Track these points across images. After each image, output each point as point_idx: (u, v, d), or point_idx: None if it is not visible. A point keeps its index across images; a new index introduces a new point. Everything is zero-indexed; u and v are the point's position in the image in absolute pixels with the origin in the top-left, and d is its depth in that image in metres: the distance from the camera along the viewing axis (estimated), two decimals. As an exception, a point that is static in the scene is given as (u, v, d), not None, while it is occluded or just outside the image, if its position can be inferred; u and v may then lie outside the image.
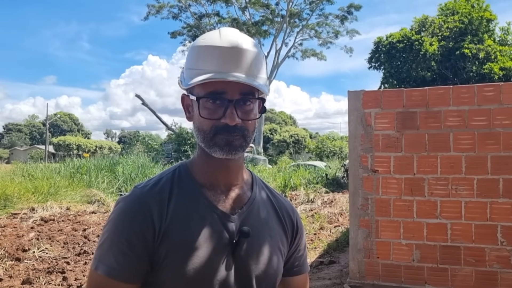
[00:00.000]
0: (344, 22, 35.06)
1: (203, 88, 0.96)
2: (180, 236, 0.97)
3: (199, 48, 0.99)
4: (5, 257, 5.08)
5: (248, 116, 0.98)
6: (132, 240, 0.96)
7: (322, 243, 6.60)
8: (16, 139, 74.38)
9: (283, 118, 68.46)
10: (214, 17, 35.10)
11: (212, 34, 1.01)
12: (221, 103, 0.95)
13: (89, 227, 6.94)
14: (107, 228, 1.00)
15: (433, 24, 22.60)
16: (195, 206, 1.01)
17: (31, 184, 9.43)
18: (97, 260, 0.98)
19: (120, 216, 0.99)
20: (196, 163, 1.07)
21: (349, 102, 4.13)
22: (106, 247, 0.97)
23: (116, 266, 0.95)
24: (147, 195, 1.00)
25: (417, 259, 3.85)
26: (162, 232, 0.97)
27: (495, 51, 21.05)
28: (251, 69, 0.96)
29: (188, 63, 1.01)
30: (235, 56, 0.95)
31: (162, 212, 0.98)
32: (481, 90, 3.72)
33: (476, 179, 3.70)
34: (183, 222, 0.98)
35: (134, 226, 0.96)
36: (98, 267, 0.97)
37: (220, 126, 0.96)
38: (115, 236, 0.97)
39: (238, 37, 0.98)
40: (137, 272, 0.97)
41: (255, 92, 0.98)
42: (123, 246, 0.96)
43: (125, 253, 0.95)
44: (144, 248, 0.96)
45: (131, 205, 0.99)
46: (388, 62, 22.67)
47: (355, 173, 4.07)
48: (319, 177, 14.02)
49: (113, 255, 0.96)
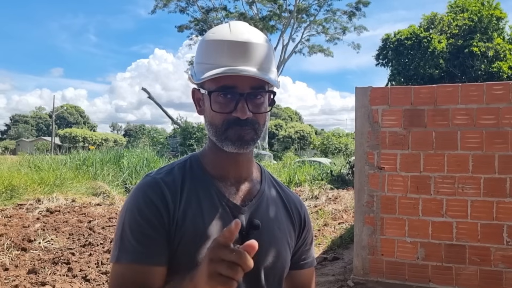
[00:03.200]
0: (352, 18, 34.82)
1: (214, 82, 0.97)
2: (193, 224, 0.97)
3: (209, 42, 1.00)
4: (11, 247, 5.12)
5: (259, 109, 0.99)
6: (152, 221, 0.95)
7: (326, 240, 6.60)
8: (23, 131, 74.85)
9: (289, 114, 68.36)
10: (221, 11, 34.99)
11: (221, 28, 1.02)
12: (232, 97, 0.96)
13: (94, 219, 6.98)
14: (122, 217, 0.99)
15: (442, 22, 22.42)
16: (207, 196, 1.02)
17: (37, 176, 9.48)
18: (116, 252, 0.95)
19: (135, 200, 0.98)
20: (206, 155, 1.07)
21: (357, 98, 4.10)
22: (125, 235, 0.95)
23: (140, 249, 0.93)
24: (160, 181, 1.00)
25: (421, 257, 3.84)
26: (176, 218, 0.97)
27: (504, 49, 20.87)
28: (262, 63, 0.97)
29: (198, 58, 1.02)
30: (245, 50, 0.96)
31: (176, 199, 0.98)
32: (490, 89, 3.68)
33: (483, 178, 3.67)
34: (196, 210, 0.99)
35: (151, 207, 0.96)
36: (119, 258, 0.94)
37: (232, 119, 0.97)
38: (133, 221, 0.96)
39: (248, 31, 0.99)
40: (162, 252, 0.95)
41: (265, 86, 0.99)
42: (143, 228, 0.94)
43: (146, 234, 0.94)
44: (163, 228, 0.95)
45: (145, 189, 0.99)
46: (395, 59, 22.55)
47: (361, 170, 4.05)
48: (324, 174, 14.00)
49: (135, 239, 0.94)
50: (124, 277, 0.94)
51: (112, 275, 0.96)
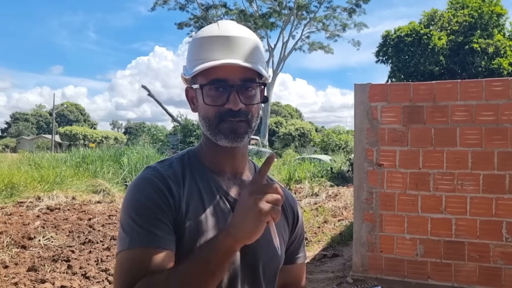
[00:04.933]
0: (352, 15, 34.79)
1: (205, 77, 0.99)
2: (195, 216, 0.98)
3: (198, 40, 1.04)
4: (11, 245, 5.13)
5: (251, 101, 1.00)
6: (162, 206, 0.94)
7: (325, 237, 6.60)
8: (23, 128, 74.85)
9: (289, 111, 68.31)
10: (221, 8, 34.95)
11: (210, 26, 1.06)
12: (224, 90, 0.98)
13: (94, 216, 6.99)
14: (128, 206, 0.97)
15: (442, 18, 22.36)
16: (207, 189, 1.03)
17: (37, 173, 9.49)
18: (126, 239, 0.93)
19: (141, 188, 0.97)
20: (202, 151, 1.09)
21: (356, 95, 4.10)
22: (137, 221, 0.93)
23: (156, 232, 0.92)
24: (163, 172, 1.01)
25: (420, 253, 3.84)
26: (182, 209, 0.98)
27: (504, 46, 20.82)
28: (250, 56, 1.00)
29: (189, 56, 1.05)
30: (233, 44, 0.99)
31: (179, 190, 0.99)
32: (489, 85, 3.68)
33: (482, 174, 3.67)
34: (197, 202, 1.00)
35: (159, 194, 0.95)
36: (131, 243, 0.91)
37: (224, 111, 0.98)
38: (143, 207, 0.94)
39: (236, 27, 1.04)
40: (173, 239, 0.94)
41: (255, 78, 1.01)
42: (154, 213, 0.93)
43: (159, 219, 0.93)
44: (171, 216, 0.95)
45: (151, 177, 0.98)
46: (395, 56, 22.50)
47: (360, 166, 4.05)
48: (324, 171, 14.01)
49: (149, 223, 0.92)
50: (136, 262, 0.91)
51: (122, 262, 0.93)
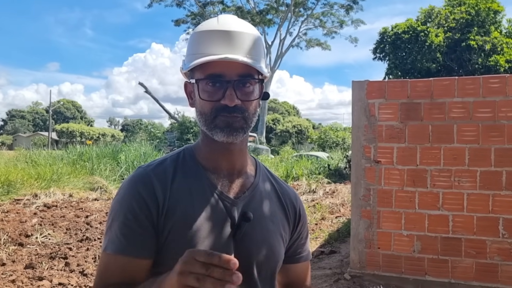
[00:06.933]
0: (349, 12, 34.78)
1: (202, 71, 0.98)
2: (182, 216, 0.98)
3: (197, 34, 1.02)
4: (8, 242, 5.12)
5: (248, 97, 0.99)
6: (138, 215, 0.97)
7: (323, 233, 6.62)
8: (19, 126, 74.56)
9: (286, 108, 68.25)
10: (218, 5, 34.86)
11: (210, 20, 1.04)
12: (221, 85, 0.97)
13: (92, 213, 6.98)
14: (112, 209, 1.02)
15: (439, 15, 22.37)
16: (199, 188, 1.02)
17: (34, 171, 9.47)
18: (105, 241, 0.99)
19: (124, 193, 1.01)
20: (199, 147, 1.08)
21: (353, 92, 4.10)
22: (113, 226, 0.98)
23: (124, 242, 0.96)
24: (150, 173, 1.02)
25: (418, 250, 3.86)
26: (165, 210, 0.98)
27: (501, 43, 20.85)
28: (249, 52, 0.98)
29: (188, 50, 1.04)
30: (232, 39, 0.98)
31: (165, 190, 0.99)
32: (486, 82, 3.69)
33: (479, 171, 3.68)
34: (186, 202, 1.00)
35: (138, 200, 0.98)
36: (107, 247, 0.98)
37: (220, 107, 0.97)
38: (121, 213, 0.98)
39: (236, 22, 1.02)
40: (146, 246, 0.97)
41: (254, 74, 0.99)
42: (129, 221, 0.97)
43: (131, 228, 0.96)
44: (149, 222, 0.97)
45: (134, 182, 1.01)
46: (393, 53, 22.50)
47: (357, 163, 4.06)
48: (322, 168, 14.03)
49: (120, 231, 0.97)
50: (109, 266, 0.97)
51: (100, 262, 1.00)
